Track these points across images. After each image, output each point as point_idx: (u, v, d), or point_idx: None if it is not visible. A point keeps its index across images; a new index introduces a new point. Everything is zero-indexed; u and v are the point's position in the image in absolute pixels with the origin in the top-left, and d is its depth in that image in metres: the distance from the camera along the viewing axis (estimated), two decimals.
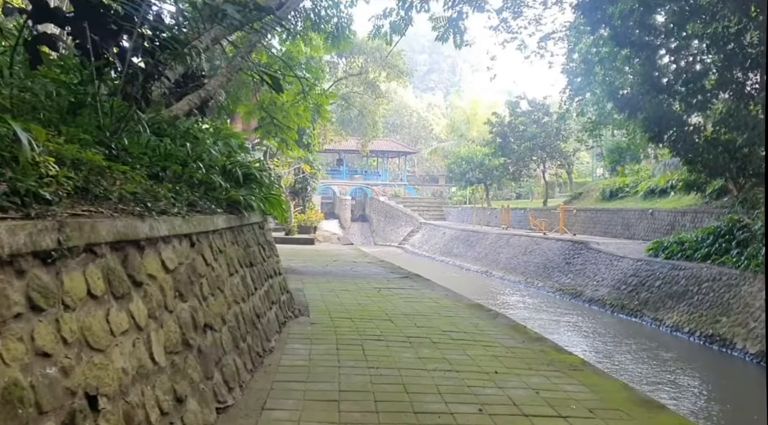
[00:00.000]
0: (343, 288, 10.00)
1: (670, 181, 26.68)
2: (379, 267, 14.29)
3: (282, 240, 22.71)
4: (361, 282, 10.99)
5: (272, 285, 6.69)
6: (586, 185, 40.09)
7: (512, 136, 38.78)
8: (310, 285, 10.37)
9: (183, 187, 4.96)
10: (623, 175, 32.52)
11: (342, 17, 19.37)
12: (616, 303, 20.16)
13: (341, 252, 18.92)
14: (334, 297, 9.10)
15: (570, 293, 22.97)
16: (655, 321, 17.89)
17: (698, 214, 23.08)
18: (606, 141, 37.35)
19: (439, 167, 62.40)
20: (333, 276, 12.00)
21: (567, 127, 38.03)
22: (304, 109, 18.66)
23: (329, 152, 57.05)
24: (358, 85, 42.36)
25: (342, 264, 14.89)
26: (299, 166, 25.99)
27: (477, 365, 5.33)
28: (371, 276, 12.18)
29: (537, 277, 26.34)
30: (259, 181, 6.80)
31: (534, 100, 39.49)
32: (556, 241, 27.89)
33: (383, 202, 53.15)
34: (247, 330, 4.98)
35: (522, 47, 23.30)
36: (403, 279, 11.82)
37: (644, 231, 26.68)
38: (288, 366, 4.97)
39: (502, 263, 30.59)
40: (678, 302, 17.68)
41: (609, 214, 29.89)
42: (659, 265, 19.54)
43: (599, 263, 23.23)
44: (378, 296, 9.41)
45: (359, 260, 16.15)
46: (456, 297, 9.59)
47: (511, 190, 51.38)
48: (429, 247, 42.04)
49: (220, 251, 4.87)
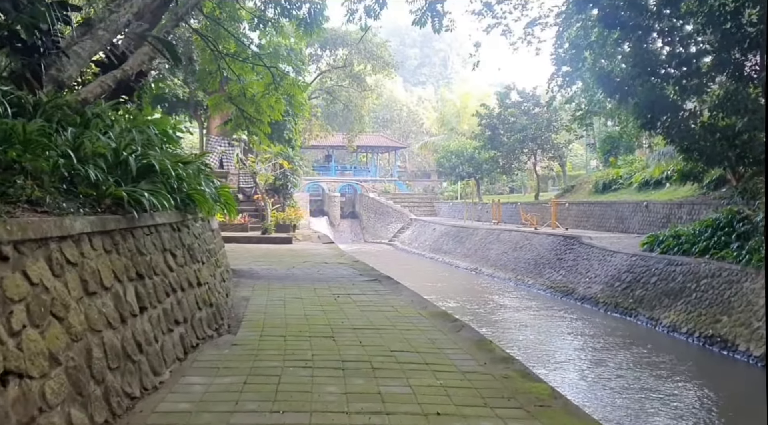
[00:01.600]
0: (297, 296, 8.84)
1: (665, 172, 25.56)
2: (349, 268, 13.14)
3: (258, 240, 21.56)
4: (320, 288, 9.84)
5: (181, 300, 5.51)
6: (579, 178, 39.00)
7: (502, 128, 37.64)
8: (261, 292, 9.21)
9: (24, 179, 3.79)
10: (616, 167, 31.38)
11: (314, 2, 18.19)
12: (609, 301, 19.07)
13: (317, 252, 17.77)
14: (280, 307, 7.93)
15: (561, 291, 21.88)
16: (650, 321, 16.79)
17: (695, 206, 21.96)
18: (598, 131, 36.23)
19: (430, 162, 61.29)
20: (292, 281, 10.85)
21: (558, 118, 36.95)
22: (276, 101, 17.46)
23: (317, 148, 55.86)
24: (343, 79, 41.20)
25: (311, 265, 13.74)
26: (276, 161, 24.84)
27: (417, 402, 4.18)
28: (336, 280, 11.03)
29: (527, 274, 25.24)
30: (169, 174, 5.62)
31: (524, 90, 38.34)
32: (547, 236, 26.79)
33: (373, 199, 52.06)
34: (110, 365, 3.80)
35: (507, 33, 22.14)
36: (370, 282, 10.67)
37: (639, 225, 25.57)
38: (163, 414, 3.77)
39: (492, 260, 29.49)
40: (675, 300, 16.58)
41: (602, 207, 28.78)
42: (655, 261, 18.45)
43: (592, 259, 22.13)
44: (333, 305, 8.25)
45: (331, 261, 15.00)
46: (421, 304, 8.43)
47: (503, 184, 50.31)
48: (419, 244, 40.97)
49: (70, 263, 3.69)
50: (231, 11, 18.06)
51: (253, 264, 14.09)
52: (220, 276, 7.92)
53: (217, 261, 8.26)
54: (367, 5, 17.45)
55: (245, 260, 14.91)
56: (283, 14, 18.57)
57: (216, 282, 7.43)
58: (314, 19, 18.15)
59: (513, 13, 22.36)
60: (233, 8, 18.06)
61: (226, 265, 9.14)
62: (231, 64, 17.10)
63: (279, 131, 29.34)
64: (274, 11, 18.89)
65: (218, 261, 8.36)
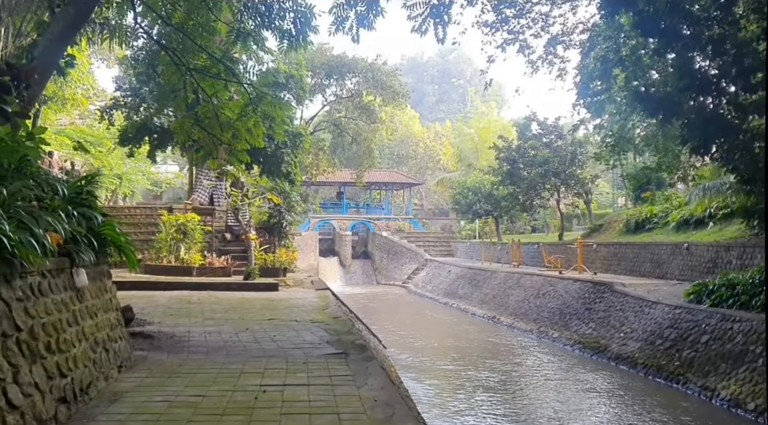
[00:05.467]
0: (199, 393, 5.81)
1: (708, 209, 22.32)
2: (320, 330, 10.16)
3: (238, 287, 18.63)
4: (251, 371, 6.86)
5: None
6: (607, 217, 35.73)
7: (521, 162, 34.65)
8: (154, 381, 6.28)
9: None
10: (656, 202, 28.05)
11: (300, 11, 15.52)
12: (650, 363, 15.84)
13: (298, 304, 14.85)
14: (151, 422, 4.99)
15: (592, 347, 18.66)
16: (704, 391, 13.53)
17: (747, 249, 18.68)
18: (627, 166, 33.11)
19: (447, 200, 58.42)
20: (223, 356, 7.88)
21: (584, 151, 33.95)
22: (255, 124, 14.71)
23: (327, 184, 53.23)
24: (352, 110, 38.68)
25: (274, 326, 10.79)
26: (265, 196, 22.09)
27: None
28: (286, 354, 8.05)
29: (552, 326, 22.00)
30: None
31: (545, 121, 35.41)
32: (573, 282, 23.62)
33: (386, 238, 49.22)
34: None
35: (525, 49, 19.33)
36: (331, 358, 7.68)
37: (679, 270, 22.29)
38: None
39: (512, 307, 26.29)
40: (735, 366, 13.32)
41: (635, 249, 25.52)
42: (705, 315, 15.25)
43: (626, 310, 18.93)
44: (244, 410, 5.29)
45: (306, 317, 12.03)
46: (388, 407, 5.43)
47: (524, 223, 47.12)
48: (432, 287, 37.88)
49: None
50: (204, 22, 15.42)
51: (204, 322, 11.16)
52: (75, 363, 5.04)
53: (80, 335, 5.40)
54: (360, 11, 14.83)
55: (197, 316, 11.99)
56: (264, 25, 15.91)
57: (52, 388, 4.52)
58: (300, 31, 15.40)
59: (532, 28, 19.59)
60: (207, 18, 15.42)
61: (103, 339, 6.23)
62: (200, 81, 14.47)
63: (275, 164, 26.61)
64: (254, 22, 16.29)
65: (81, 334, 5.49)
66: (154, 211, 25.25)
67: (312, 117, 44.98)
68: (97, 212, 6.63)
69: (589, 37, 20.15)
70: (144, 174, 43.84)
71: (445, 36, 14.82)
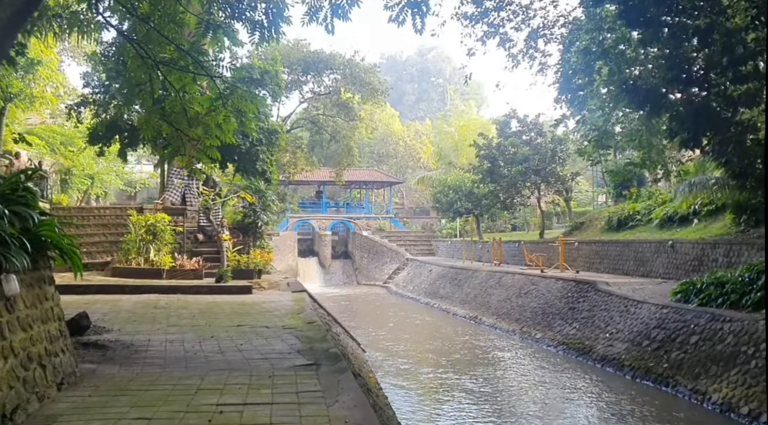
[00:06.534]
0: (144, 416, 5.00)
1: (693, 206, 21.91)
2: (291, 338, 9.49)
3: (209, 290, 17.85)
4: (209, 388, 6.17)
5: None
6: (587, 214, 35.36)
7: (502, 160, 34.16)
8: (96, 401, 5.57)
9: None
10: (635, 200, 27.66)
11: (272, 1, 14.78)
12: (637, 365, 15.34)
13: (271, 307, 14.16)
14: None
15: (576, 348, 18.16)
16: (695, 394, 13.04)
17: (734, 246, 18.25)
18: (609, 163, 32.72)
19: (428, 198, 57.90)
20: (182, 368, 7.19)
21: (564, 149, 33.55)
22: (224, 119, 13.95)
23: (306, 183, 52.38)
24: (330, 107, 37.92)
25: (242, 333, 10.09)
26: (238, 195, 21.32)
27: None
28: (251, 365, 7.37)
29: (534, 326, 21.49)
30: None
31: (525, 118, 34.95)
32: (556, 280, 23.15)
33: (366, 237, 48.56)
34: None
35: (506, 42, 18.76)
36: (300, 370, 7.02)
37: (663, 268, 21.86)
38: None
39: (494, 307, 25.76)
40: (726, 368, 12.85)
41: (618, 247, 25.08)
42: (693, 315, 14.80)
43: (611, 309, 18.46)
44: None
45: (278, 323, 11.35)
46: None
47: (505, 221, 46.71)
48: (413, 287, 37.28)
49: None
50: (171, 13, 14.61)
51: (168, 329, 10.42)
52: None
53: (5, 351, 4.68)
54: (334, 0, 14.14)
55: (161, 322, 11.25)
56: (234, 16, 15.15)
57: None
58: (273, 22, 14.65)
59: (513, 20, 19.03)
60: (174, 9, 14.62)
61: (39, 354, 5.51)
62: (168, 75, 13.70)
63: (250, 162, 25.79)
64: (224, 13, 15.52)
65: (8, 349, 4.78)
66: (123, 211, 24.35)
67: (289, 114, 44.17)
68: (34, 211, 5.91)
69: (570, 31, 19.66)
70: (117, 174, 42.77)
71: (424, 27, 14.13)
